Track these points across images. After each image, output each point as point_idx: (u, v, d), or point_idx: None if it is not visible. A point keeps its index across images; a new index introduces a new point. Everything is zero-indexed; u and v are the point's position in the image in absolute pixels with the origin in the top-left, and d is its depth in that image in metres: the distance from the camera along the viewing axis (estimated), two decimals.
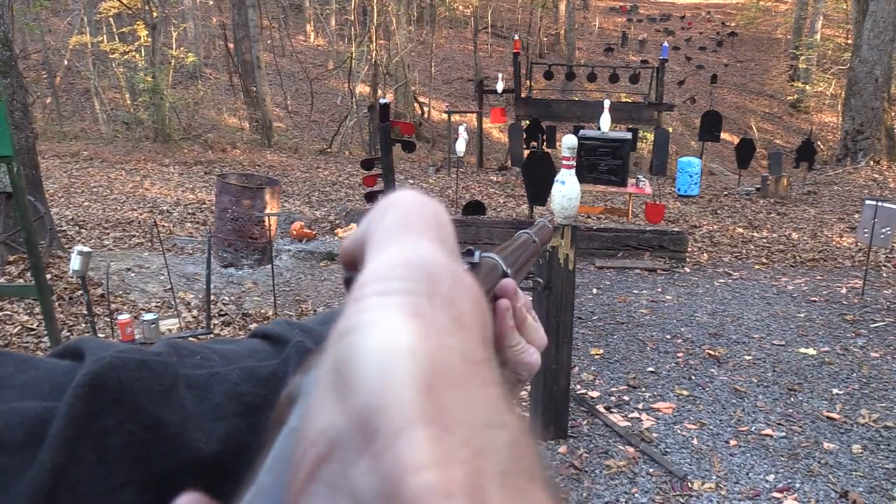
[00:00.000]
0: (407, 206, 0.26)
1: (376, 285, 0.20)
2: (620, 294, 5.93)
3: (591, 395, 3.94)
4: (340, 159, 15.68)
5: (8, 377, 0.33)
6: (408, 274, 0.20)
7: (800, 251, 7.58)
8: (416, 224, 0.24)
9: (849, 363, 4.40)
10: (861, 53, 13.52)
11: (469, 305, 0.21)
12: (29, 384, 0.33)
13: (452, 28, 29.86)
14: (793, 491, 2.98)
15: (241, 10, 17.37)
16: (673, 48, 24.42)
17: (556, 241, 3.25)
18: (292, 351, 0.45)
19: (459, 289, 0.21)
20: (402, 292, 0.19)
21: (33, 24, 18.88)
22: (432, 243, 0.23)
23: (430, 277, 0.20)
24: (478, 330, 0.20)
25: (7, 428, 0.30)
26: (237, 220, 6.72)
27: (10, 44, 6.41)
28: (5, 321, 4.99)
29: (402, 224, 0.24)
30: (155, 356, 0.37)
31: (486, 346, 0.20)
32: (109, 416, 0.33)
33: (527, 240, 0.60)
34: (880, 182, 12.19)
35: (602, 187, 8.65)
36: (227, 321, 5.28)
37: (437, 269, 0.21)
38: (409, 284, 0.20)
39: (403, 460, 0.15)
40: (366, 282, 0.21)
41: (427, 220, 0.25)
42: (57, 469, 0.30)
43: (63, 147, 15.17)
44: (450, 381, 0.17)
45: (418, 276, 0.20)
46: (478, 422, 0.16)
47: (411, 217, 0.25)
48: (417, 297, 0.19)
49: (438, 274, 0.21)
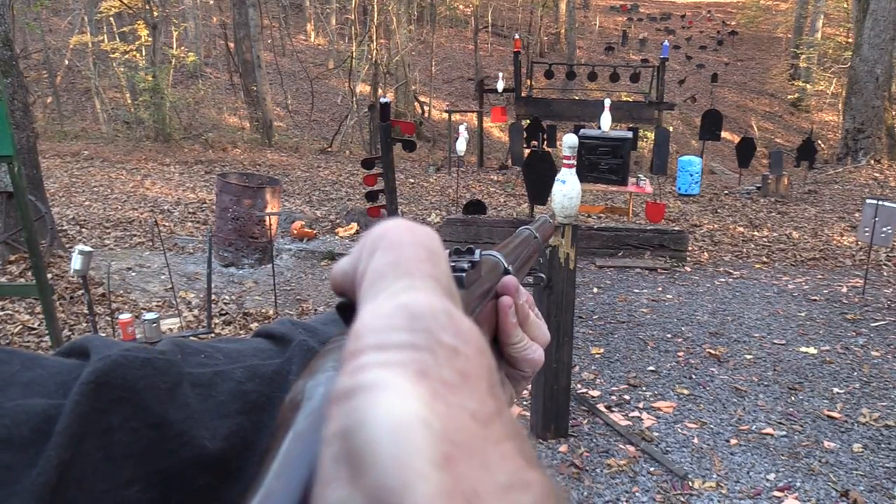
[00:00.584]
0: (397, 240, 0.25)
1: (374, 338, 0.19)
2: (621, 293, 5.93)
3: (592, 395, 3.94)
4: (341, 158, 15.69)
5: (14, 375, 0.33)
6: (407, 325, 0.19)
7: (800, 250, 7.57)
8: (408, 262, 0.23)
9: (849, 362, 4.40)
10: (862, 52, 13.51)
11: (472, 352, 0.20)
12: (35, 382, 0.33)
13: (453, 27, 29.86)
14: (793, 490, 2.98)
15: (241, 9, 17.36)
16: (673, 47, 24.43)
17: (556, 241, 3.25)
18: (296, 350, 0.45)
19: (461, 335, 0.20)
20: (403, 347, 0.18)
21: (34, 23, 18.87)
22: (427, 284, 0.23)
23: (430, 327, 0.19)
24: (484, 378, 0.19)
25: (13, 425, 0.31)
26: (238, 219, 6.72)
27: (11, 43, 6.42)
28: (6, 320, 4.99)
29: (394, 263, 0.23)
30: (160, 354, 0.37)
31: (495, 394, 0.19)
32: (115, 413, 0.33)
33: (528, 236, 0.60)
34: (881, 181, 12.19)
35: (603, 186, 8.65)
36: (227, 320, 5.28)
37: (437, 317, 0.20)
38: (409, 337, 0.19)
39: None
40: (362, 334, 0.20)
41: (420, 256, 0.24)
42: (62, 466, 0.30)
43: (64, 146, 15.18)
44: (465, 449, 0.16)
45: (418, 326, 0.19)
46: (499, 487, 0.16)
47: (403, 254, 0.24)
48: (420, 352, 0.18)
49: (438, 322, 0.20)
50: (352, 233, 8.13)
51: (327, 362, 0.28)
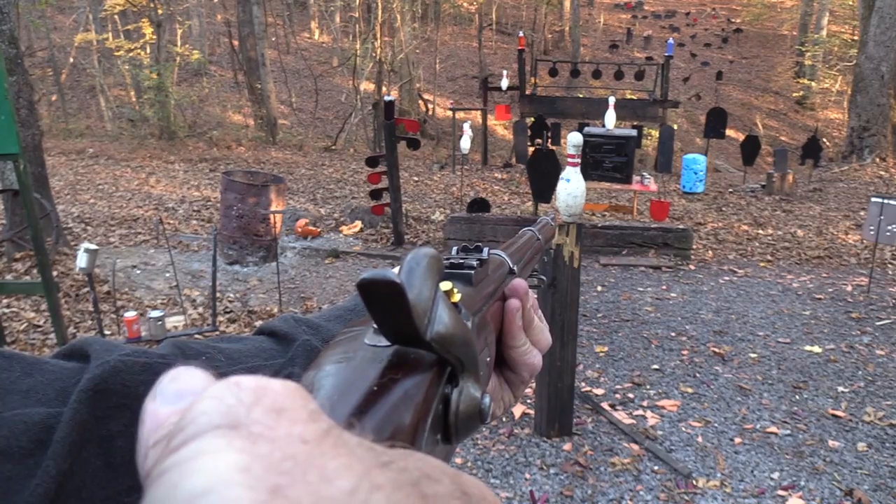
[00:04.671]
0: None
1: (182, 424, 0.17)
2: (625, 291, 5.92)
3: (596, 393, 3.94)
4: (345, 156, 15.69)
5: (14, 382, 0.33)
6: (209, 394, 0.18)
7: (805, 248, 7.55)
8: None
9: (854, 361, 4.39)
10: (867, 50, 13.45)
11: (279, 387, 0.18)
12: (34, 389, 0.33)
13: (457, 25, 29.82)
14: (798, 489, 2.97)
15: (245, 7, 17.38)
16: (678, 45, 24.37)
17: (561, 239, 3.25)
18: (299, 350, 0.45)
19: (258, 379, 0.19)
20: (208, 412, 0.17)
21: (39, 21, 18.91)
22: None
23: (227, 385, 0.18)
24: (301, 407, 0.18)
25: (12, 435, 0.31)
26: (242, 217, 6.73)
27: (17, 41, 6.43)
28: (12, 318, 5.01)
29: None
30: (160, 358, 0.37)
31: (319, 418, 0.18)
32: (115, 420, 0.33)
33: (531, 237, 0.60)
34: (886, 179, 12.14)
35: (607, 184, 8.64)
36: (232, 318, 5.29)
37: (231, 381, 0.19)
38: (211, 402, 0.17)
39: None
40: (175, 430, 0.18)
41: None
42: (62, 475, 0.30)
43: (69, 144, 15.23)
44: (299, 471, 0.15)
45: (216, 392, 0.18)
46: (344, 493, 0.15)
47: None
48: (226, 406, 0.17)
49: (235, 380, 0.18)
50: (356, 230, 8.14)
51: (335, 354, 0.28)
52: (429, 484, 0.17)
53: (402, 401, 0.25)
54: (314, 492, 0.15)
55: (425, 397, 0.26)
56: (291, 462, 0.15)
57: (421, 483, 0.16)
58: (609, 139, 8.44)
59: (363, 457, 0.16)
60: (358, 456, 0.16)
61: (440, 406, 0.29)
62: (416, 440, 0.24)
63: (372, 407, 0.24)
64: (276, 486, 0.15)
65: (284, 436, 0.16)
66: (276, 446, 0.16)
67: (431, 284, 0.28)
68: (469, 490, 0.18)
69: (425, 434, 0.25)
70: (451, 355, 0.29)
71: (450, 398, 0.30)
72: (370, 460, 0.16)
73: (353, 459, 0.16)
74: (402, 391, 0.26)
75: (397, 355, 0.28)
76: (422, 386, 0.27)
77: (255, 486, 0.14)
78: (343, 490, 0.15)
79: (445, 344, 0.29)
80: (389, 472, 0.16)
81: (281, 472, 0.15)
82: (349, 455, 0.16)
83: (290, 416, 0.17)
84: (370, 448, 0.17)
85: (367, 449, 0.17)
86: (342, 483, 0.15)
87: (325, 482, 0.15)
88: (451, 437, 0.31)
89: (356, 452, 0.17)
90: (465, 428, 0.31)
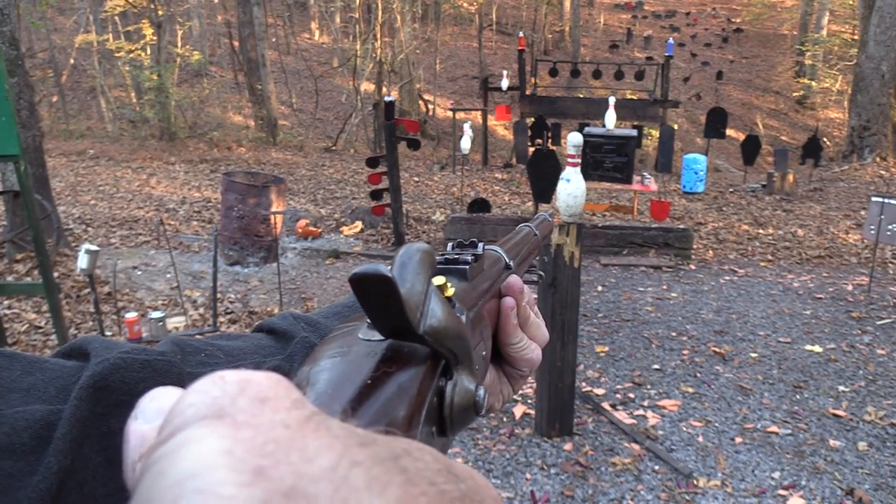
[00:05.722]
0: None
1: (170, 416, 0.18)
2: (625, 291, 5.92)
3: (597, 393, 3.94)
4: (345, 157, 15.69)
5: (15, 380, 0.33)
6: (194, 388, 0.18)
7: (805, 248, 7.55)
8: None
9: (855, 360, 4.39)
10: (868, 49, 13.45)
11: (262, 378, 0.19)
12: (35, 387, 0.33)
13: (457, 25, 29.82)
14: (798, 488, 2.97)
15: (246, 7, 17.39)
16: (678, 45, 24.36)
17: (561, 239, 3.25)
18: (297, 347, 0.46)
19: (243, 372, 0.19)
20: (195, 404, 0.17)
21: (39, 22, 18.90)
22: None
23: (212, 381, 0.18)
24: (285, 397, 0.18)
25: (14, 432, 0.31)
26: (243, 217, 6.73)
27: (17, 42, 6.43)
28: (13, 319, 5.02)
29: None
30: (159, 356, 0.37)
31: (302, 405, 0.18)
32: (115, 417, 0.33)
33: (528, 233, 0.60)
34: (887, 179, 12.13)
35: (607, 184, 8.64)
36: (233, 319, 5.29)
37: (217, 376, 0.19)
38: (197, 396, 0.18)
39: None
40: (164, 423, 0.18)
41: None
42: (63, 472, 0.30)
43: (69, 145, 15.24)
44: (282, 453, 0.16)
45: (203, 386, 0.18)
46: (324, 470, 0.15)
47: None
48: (211, 398, 0.18)
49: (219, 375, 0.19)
50: (356, 231, 8.14)
51: (330, 349, 0.29)
52: (410, 460, 0.17)
53: (397, 394, 0.25)
54: (296, 471, 0.15)
55: (419, 390, 0.27)
56: (274, 445, 0.16)
57: (401, 458, 0.17)
58: (609, 139, 8.44)
59: (344, 438, 0.17)
60: (339, 437, 0.17)
61: (435, 399, 0.29)
62: (410, 432, 0.24)
63: (366, 400, 0.24)
64: (260, 467, 0.15)
65: (268, 422, 0.17)
66: (259, 431, 0.16)
67: (424, 279, 0.29)
68: (456, 471, 0.18)
69: (420, 426, 0.25)
70: (444, 349, 0.30)
71: (444, 391, 0.31)
72: (351, 441, 0.17)
73: (334, 440, 0.17)
74: (396, 384, 0.26)
75: (391, 349, 0.28)
76: (416, 379, 0.27)
77: (240, 467, 0.15)
78: (323, 468, 0.15)
79: (439, 337, 0.29)
80: (369, 449, 0.17)
81: (264, 454, 0.16)
82: (330, 437, 0.17)
83: (274, 405, 0.17)
84: (352, 430, 0.17)
85: (348, 431, 0.17)
86: (322, 461, 0.16)
87: (307, 462, 0.16)
88: (447, 429, 0.31)
89: (338, 434, 0.17)
90: (460, 420, 0.31)
